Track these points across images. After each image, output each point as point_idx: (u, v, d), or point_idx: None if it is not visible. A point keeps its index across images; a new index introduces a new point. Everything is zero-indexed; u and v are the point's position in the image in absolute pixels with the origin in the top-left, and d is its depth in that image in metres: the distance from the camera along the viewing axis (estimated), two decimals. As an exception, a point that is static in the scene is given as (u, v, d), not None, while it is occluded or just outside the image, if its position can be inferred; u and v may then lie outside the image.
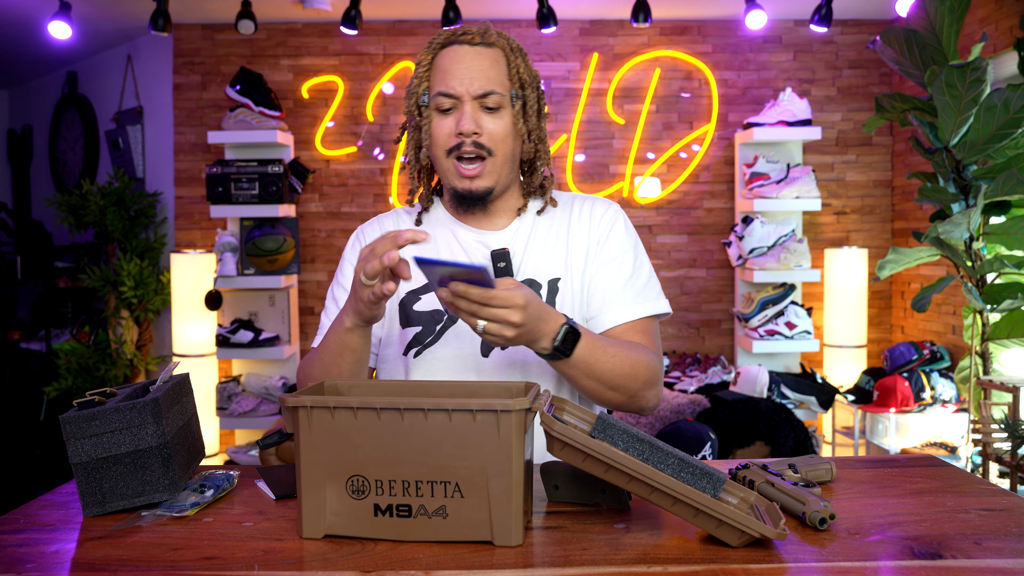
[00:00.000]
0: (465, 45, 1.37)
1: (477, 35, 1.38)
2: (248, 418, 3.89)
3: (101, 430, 1.08)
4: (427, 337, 1.40)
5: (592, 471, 0.98)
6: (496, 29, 1.42)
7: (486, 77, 1.35)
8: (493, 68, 1.37)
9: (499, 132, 1.37)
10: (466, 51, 1.37)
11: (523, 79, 1.39)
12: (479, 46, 1.37)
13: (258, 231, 3.90)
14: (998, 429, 2.51)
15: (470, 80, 1.35)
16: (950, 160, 2.75)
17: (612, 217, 1.47)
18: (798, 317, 3.87)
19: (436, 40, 1.41)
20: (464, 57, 1.36)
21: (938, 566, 0.90)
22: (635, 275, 1.43)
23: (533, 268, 1.41)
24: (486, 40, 1.38)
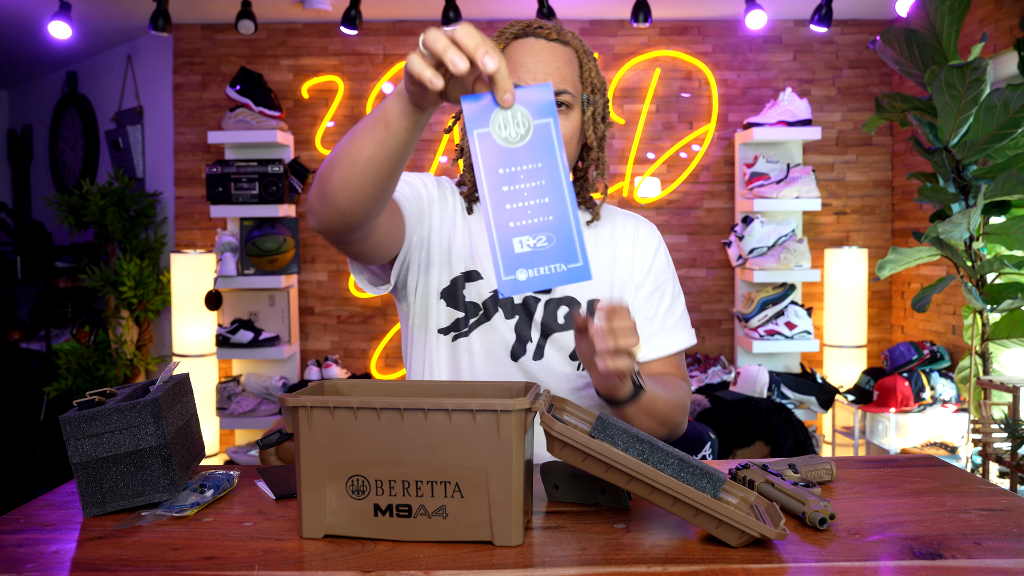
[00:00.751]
0: (541, 39, 1.32)
1: (553, 31, 1.33)
2: (248, 418, 3.89)
3: (101, 430, 1.08)
4: (464, 326, 1.38)
5: (592, 471, 0.98)
6: (569, 29, 1.38)
7: (560, 75, 1.30)
8: (567, 67, 1.32)
9: (566, 133, 1.32)
10: (542, 45, 1.31)
11: (594, 83, 1.35)
12: (555, 42, 1.32)
13: (258, 231, 3.90)
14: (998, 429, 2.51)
15: (544, 75, 1.29)
16: (950, 160, 2.75)
17: (656, 244, 1.45)
18: (798, 317, 3.87)
19: (509, 30, 1.34)
20: (539, 51, 1.31)
21: (938, 566, 0.90)
22: (672, 307, 1.44)
23: (573, 287, 1.38)
24: (562, 37, 1.33)
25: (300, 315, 4.31)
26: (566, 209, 0.92)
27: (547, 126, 0.92)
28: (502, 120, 0.91)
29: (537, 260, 0.93)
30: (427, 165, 4.26)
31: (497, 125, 0.91)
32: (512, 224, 0.92)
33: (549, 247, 0.93)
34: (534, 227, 0.92)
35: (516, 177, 0.92)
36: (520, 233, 0.92)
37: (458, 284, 1.38)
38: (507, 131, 0.91)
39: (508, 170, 0.92)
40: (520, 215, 0.92)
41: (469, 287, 1.38)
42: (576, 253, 0.93)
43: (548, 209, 0.92)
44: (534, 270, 0.93)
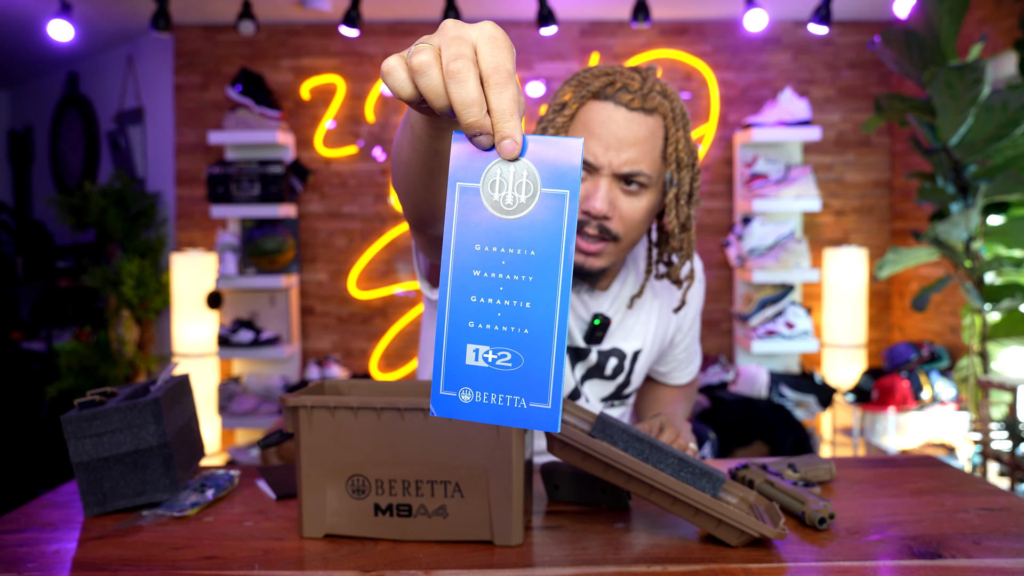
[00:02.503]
0: (621, 107, 1.14)
1: (638, 96, 1.15)
2: (248, 418, 3.89)
3: (102, 430, 1.08)
4: None
5: (592, 471, 0.99)
6: (661, 84, 1.18)
7: (637, 152, 1.14)
8: (648, 142, 1.15)
9: (634, 217, 1.17)
10: (621, 114, 1.14)
11: (680, 158, 1.18)
12: (637, 112, 1.15)
13: (259, 231, 3.91)
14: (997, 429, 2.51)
15: (616, 152, 1.14)
16: (949, 160, 2.75)
17: (700, 291, 1.45)
18: (797, 317, 3.87)
19: (589, 86, 1.16)
20: (615, 121, 1.14)
21: (938, 566, 0.90)
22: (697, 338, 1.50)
23: (623, 338, 1.35)
24: (647, 105, 1.15)
25: (300, 315, 4.31)
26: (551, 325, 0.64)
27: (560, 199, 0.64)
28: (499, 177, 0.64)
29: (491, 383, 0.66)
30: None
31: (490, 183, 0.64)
32: (471, 324, 0.66)
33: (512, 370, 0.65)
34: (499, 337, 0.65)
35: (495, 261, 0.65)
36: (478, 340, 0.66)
37: None
38: (502, 194, 0.64)
39: (488, 248, 0.65)
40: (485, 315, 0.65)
41: None
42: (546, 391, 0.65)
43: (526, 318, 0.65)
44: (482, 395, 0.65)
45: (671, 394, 1.50)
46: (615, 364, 1.35)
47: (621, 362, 1.36)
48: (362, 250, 4.30)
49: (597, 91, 1.16)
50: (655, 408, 1.48)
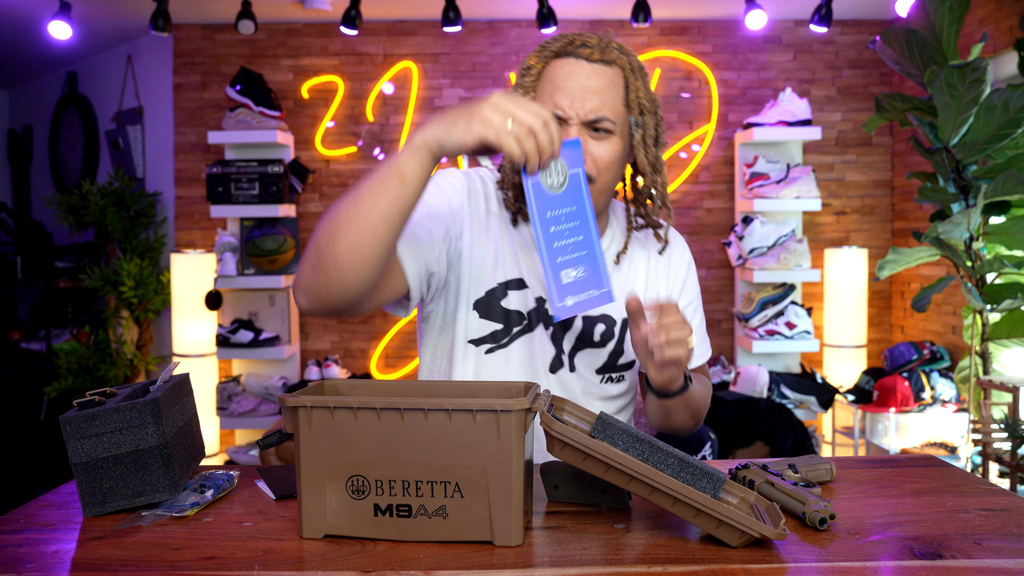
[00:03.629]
0: (582, 60, 1.24)
1: (596, 50, 1.24)
2: (248, 418, 3.89)
3: (101, 430, 1.08)
4: (504, 337, 1.34)
5: (592, 471, 0.98)
6: (617, 43, 1.28)
7: (600, 100, 1.23)
8: (609, 90, 1.24)
9: (605, 158, 1.26)
10: (581, 67, 1.24)
11: (642, 104, 1.27)
12: (597, 63, 1.24)
13: (258, 231, 3.90)
14: (998, 429, 2.51)
15: (582, 102, 1.23)
16: (950, 160, 2.75)
17: (687, 260, 1.46)
18: (798, 317, 3.87)
19: (550, 47, 1.26)
20: (578, 74, 1.23)
21: (938, 566, 0.90)
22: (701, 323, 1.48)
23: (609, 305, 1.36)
24: (606, 57, 1.25)
25: (300, 315, 4.31)
26: (593, 244, 1.14)
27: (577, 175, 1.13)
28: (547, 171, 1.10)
29: (579, 288, 1.14)
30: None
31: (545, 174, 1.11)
32: (560, 259, 1.12)
33: (586, 276, 1.14)
34: (575, 260, 1.13)
35: (559, 219, 1.12)
36: (566, 266, 1.13)
37: (495, 295, 1.33)
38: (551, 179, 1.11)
39: (553, 212, 1.11)
40: (564, 251, 1.12)
41: (512, 296, 1.33)
42: (602, 280, 1.15)
43: (582, 245, 1.14)
44: (577, 296, 1.14)
45: None
46: (603, 330, 1.37)
47: (610, 328, 1.38)
48: (362, 250, 4.30)
49: (558, 50, 1.26)
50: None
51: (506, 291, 1.34)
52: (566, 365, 1.37)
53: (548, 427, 0.98)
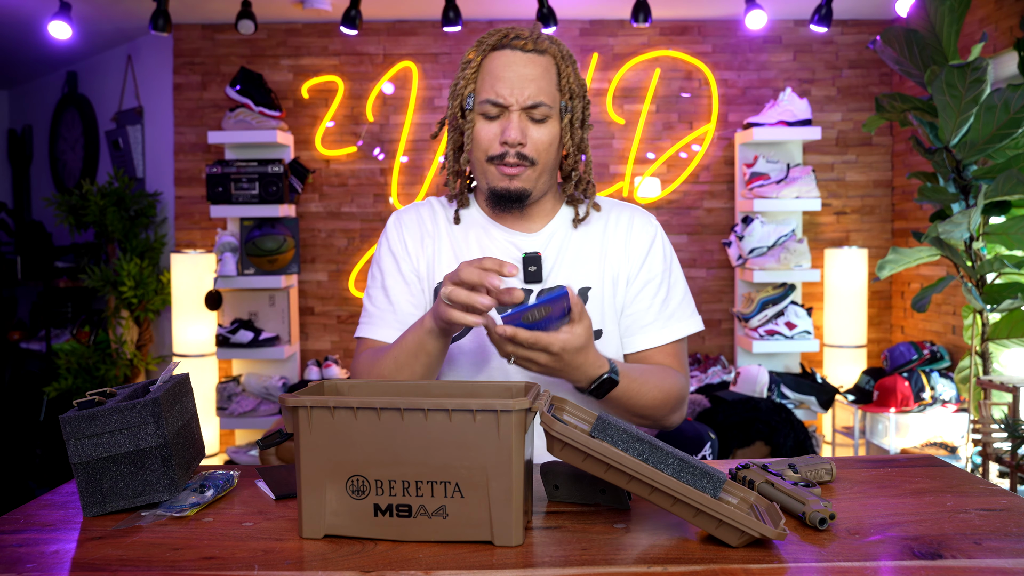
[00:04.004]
0: (517, 51, 1.34)
1: (529, 41, 1.34)
2: (248, 418, 3.89)
3: (101, 430, 1.08)
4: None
5: (592, 471, 0.98)
6: (547, 34, 1.38)
7: (536, 87, 1.33)
8: (544, 77, 1.34)
9: (544, 142, 1.35)
10: (517, 57, 1.33)
11: (572, 89, 1.37)
12: (531, 53, 1.34)
13: (258, 231, 3.90)
14: (998, 429, 2.51)
15: (520, 89, 1.32)
16: (950, 160, 2.75)
17: (650, 235, 1.46)
18: (798, 317, 3.87)
19: (487, 41, 1.36)
20: (515, 64, 1.33)
21: (938, 566, 0.90)
22: (669, 297, 1.45)
23: (564, 275, 1.42)
24: (538, 47, 1.34)
25: (300, 315, 4.31)
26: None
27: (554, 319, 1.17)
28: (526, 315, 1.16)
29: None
30: (427, 165, 4.26)
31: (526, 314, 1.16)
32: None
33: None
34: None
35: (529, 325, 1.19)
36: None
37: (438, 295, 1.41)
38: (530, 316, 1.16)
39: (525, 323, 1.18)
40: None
41: None
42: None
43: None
44: None
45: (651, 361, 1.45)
46: None
47: None
48: (362, 250, 4.30)
49: (495, 43, 1.35)
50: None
51: None
52: None
53: (548, 427, 0.98)
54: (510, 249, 1.43)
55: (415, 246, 1.45)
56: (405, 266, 1.45)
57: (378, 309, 1.44)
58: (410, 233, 1.46)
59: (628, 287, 1.43)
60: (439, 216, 1.48)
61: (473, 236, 1.45)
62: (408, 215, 1.49)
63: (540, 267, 1.40)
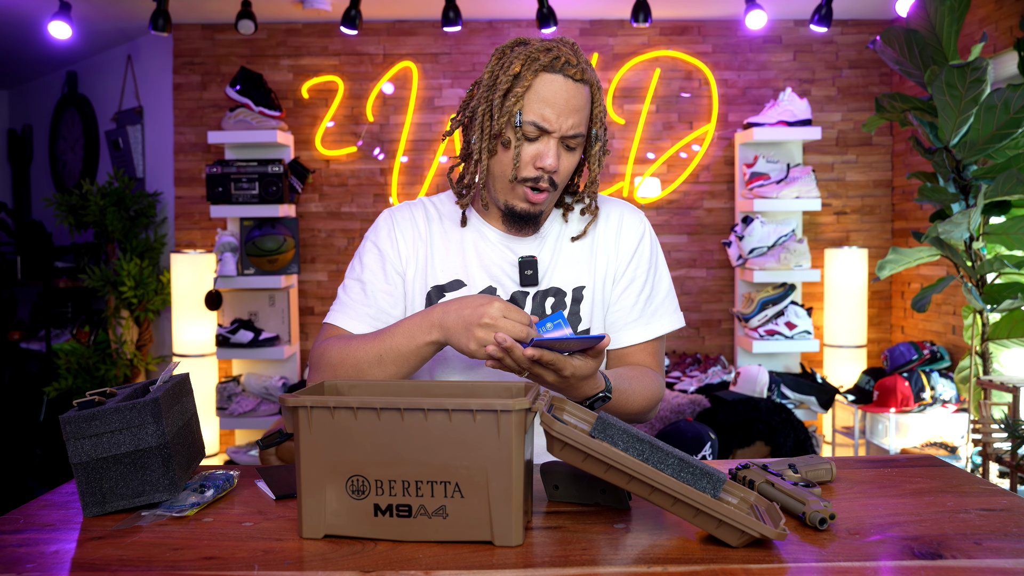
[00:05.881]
0: (569, 79, 1.33)
1: (578, 70, 1.33)
2: (248, 418, 3.89)
3: (101, 430, 1.08)
4: None
5: (592, 471, 0.98)
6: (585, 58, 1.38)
7: (579, 117, 1.34)
8: (585, 107, 1.35)
9: (570, 169, 1.38)
10: (568, 86, 1.33)
11: (601, 117, 1.39)
12: (579, 83, 1.34)
13: (258, 231, 3.90)
14: (998, 429, 2.51)
15: (565, 118, 1.32)
16: (950, 160, 2.75)
17: (638, 235, 1.47)
18: (798, 317, 3.87)
19: (538, 60, 1.33)
20: (565, 92, 1.32)
21: (938, 566, 0.90)
22: (652, 294, 1.46)
23: (560, 276, 1.43)
24: (585, 76, 1.34)
25: (300, 315, 4.31)
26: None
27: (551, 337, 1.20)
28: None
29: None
30: (427, 165, 4.26)
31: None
32: None
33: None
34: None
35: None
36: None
37: (431, 299, 1.42)
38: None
39: None
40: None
41: (449, 296, 1.41)
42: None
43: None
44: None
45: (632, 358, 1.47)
46: (553, 302, 1.42)
47: (560, 300, 1.43)
48: (362, 250, 4.29)
49: (546, 65, 1.33)
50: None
51: (442, 293, 1.42)
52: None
53: (548, 427, 0.98)
54: (506, 253, 1.43)
55: (406, 247, 1.45)
56: (390, 265, 1.44)
57: (352, 300, 1.43)
58: (402, 233, 1.45)
59: (615, 284, 1.45)
60: (432, 218, 1.48)
61: (469, 239, 1.45)
62: (402, 214, 1.48)
63: (536, 270, 1.41)
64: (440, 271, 1.42)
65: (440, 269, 1.43)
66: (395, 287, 1.43)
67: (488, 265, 1.42)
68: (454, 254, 1.44)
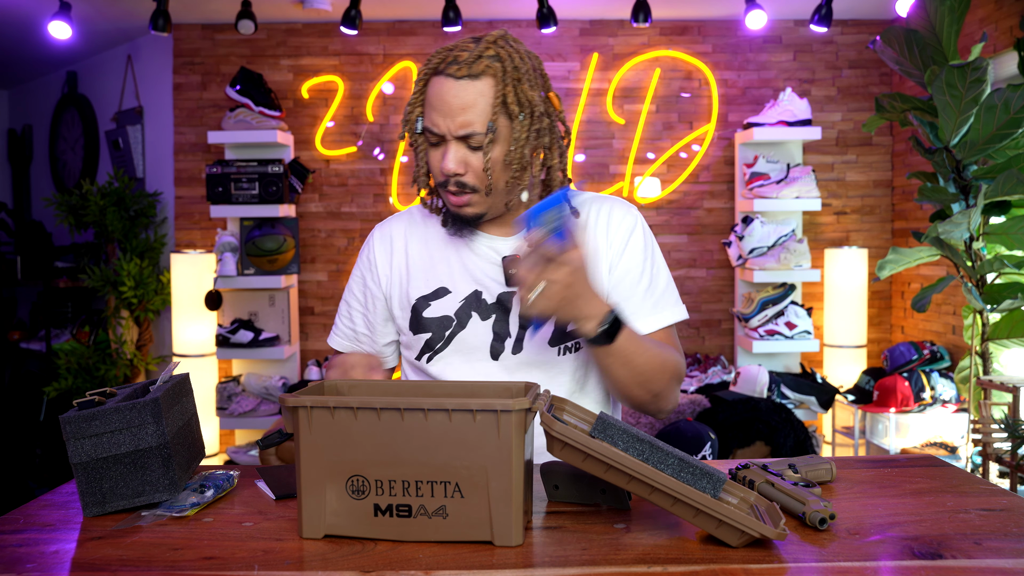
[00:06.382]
0: (449, 79, 1.28)
1: (464, 65, 1.28)
2: (248, 418, 3.89)
3: (101, 430, 1.08)
4: (438, 343, 1.41)
5: (592, 471, 0.98)
6: (495, 48, 1.31)
7: (468, 116, 1.28)
8: (478, 103, 1.28)
9: (479, 166, 1.31)
10: (450, 86, 1.28)
11: (511, 110, 1.30)
12: (464, 80, 1.28)
13: (258, 231, 3.90)
14: (998, 429, 2.51)
15: (451, 119, 1.29)
16: (950, 160, 2.75)
17: (630, 225, 1.44)
18: (798, 317, 3.87)
19: (428, 64, 1.33)
20: (447, 92, 1.28)
21: (938, 566, 0.90)
22: (652, 285, 1.42)
23: None
24: (473, 71, 1.28)
25: (300, 315, 4.31)
26: None
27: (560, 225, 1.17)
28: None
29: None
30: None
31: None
32: None
33: None
34: None
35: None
36: None
37: (418, 310, 1.42)
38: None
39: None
40: None
41: (434, 305, 1.42)
42: None
43: None
44: None
45: None
46: None
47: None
48: (362, 250, 4.30)
49: (434, 68, 1.32)
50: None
51: (428, 303, 1.42)
52: (508, 350, 1.38)
53: (548, 427, 0.98)
54: (489, 254, 1.42)
55: (385, 268, 1.47)
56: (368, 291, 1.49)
57: (340, 319, 1.53)
58: (381, 254, 1.48)
59: (610, 275, 1.42)
60: (416, 226, 1.49)
61: (452, 244, 1.44)
62: (383, 232, 1.51)
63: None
64: (423, 282, 1.43)
65: (423, 280, 1.43)
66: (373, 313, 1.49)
67: (471, 269, 1.41)
68: (438, 261, 1.44)
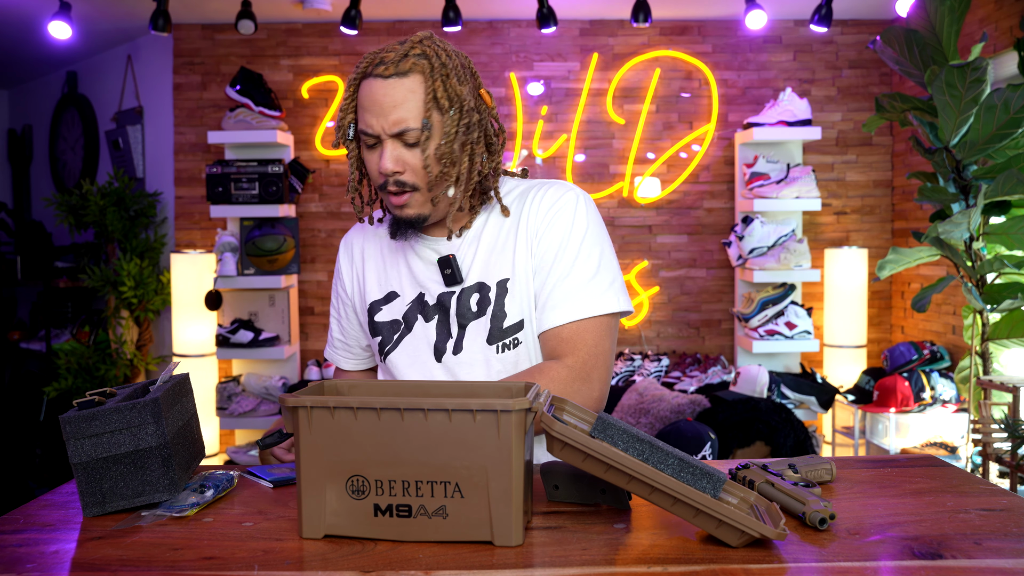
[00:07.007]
0: (378, 79, 1.29)
1: (391, 64, 1.28)
2: (248, 418, 3.89)
3: (101, 430, 1.08)
4: (387, 344, 1.45)
5: (592, 471, 0.98)
6: (422, 47, 1.31)
7: (400, 113, 1.28)
8: (409, 100, 1.28)
9: (416, 162, 1.31)
10: (379, 86, 1.29)
11: (441, 104, 1.29)
12: (392, 78, 1.28)
13: (258, 231, 3.90)
14: (998, 429, 2.51)
15: (384, 118, 1.29)
16: (950, 160, 2.75)
17: (556, 207, 1.37)
18: (798, 317, 3.87)
19: (357, 69, 1.33)
20: (377, 92, 1.29)
21: (938, 566, 0.90)
22: (573, 272, 1.34)
23: (481, 271, 1.39)
24: (400, 69, 1.28)
25: (300, 315, 4.31)
26: None
27: None
28: None
29: None
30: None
31: None
32: None
33: None
34: None
35: None
36: None
37: (372, 314, 1.47)
38: None
39: None
40: None
41: (386, 309, 1.45)
42: None
43: None
44: None
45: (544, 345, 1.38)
46: (478, 298, 1.39)
47: (485, 295, 1.38)
48: (362, 250, 4.29)
49: (363, 72, 1.33)
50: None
51: (380, 307, 1.46)
52: (449, 351, 1.39)
53: (548, 427, 0.97)
54: (431, 255, 1.42)
55: (348, 277, 1.54)
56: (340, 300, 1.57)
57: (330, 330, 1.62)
58: (344, 261, 1.55)
59: (527, 263, 1.38)
60: (370, 236, 1.52)
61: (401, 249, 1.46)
62: (347, 240, 1.56)
63: (455, 268, 1.38)
64: (376, 287, 1.47)
65: (376, 285, 1.47)
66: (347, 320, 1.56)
67: (416, 273, 1.43)
68: (389, 267, 1.47)
